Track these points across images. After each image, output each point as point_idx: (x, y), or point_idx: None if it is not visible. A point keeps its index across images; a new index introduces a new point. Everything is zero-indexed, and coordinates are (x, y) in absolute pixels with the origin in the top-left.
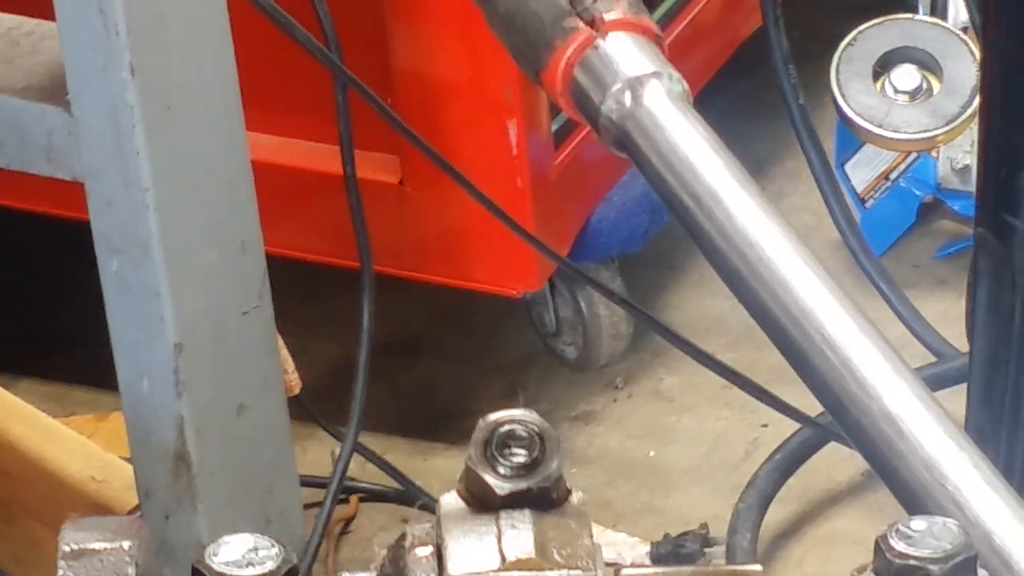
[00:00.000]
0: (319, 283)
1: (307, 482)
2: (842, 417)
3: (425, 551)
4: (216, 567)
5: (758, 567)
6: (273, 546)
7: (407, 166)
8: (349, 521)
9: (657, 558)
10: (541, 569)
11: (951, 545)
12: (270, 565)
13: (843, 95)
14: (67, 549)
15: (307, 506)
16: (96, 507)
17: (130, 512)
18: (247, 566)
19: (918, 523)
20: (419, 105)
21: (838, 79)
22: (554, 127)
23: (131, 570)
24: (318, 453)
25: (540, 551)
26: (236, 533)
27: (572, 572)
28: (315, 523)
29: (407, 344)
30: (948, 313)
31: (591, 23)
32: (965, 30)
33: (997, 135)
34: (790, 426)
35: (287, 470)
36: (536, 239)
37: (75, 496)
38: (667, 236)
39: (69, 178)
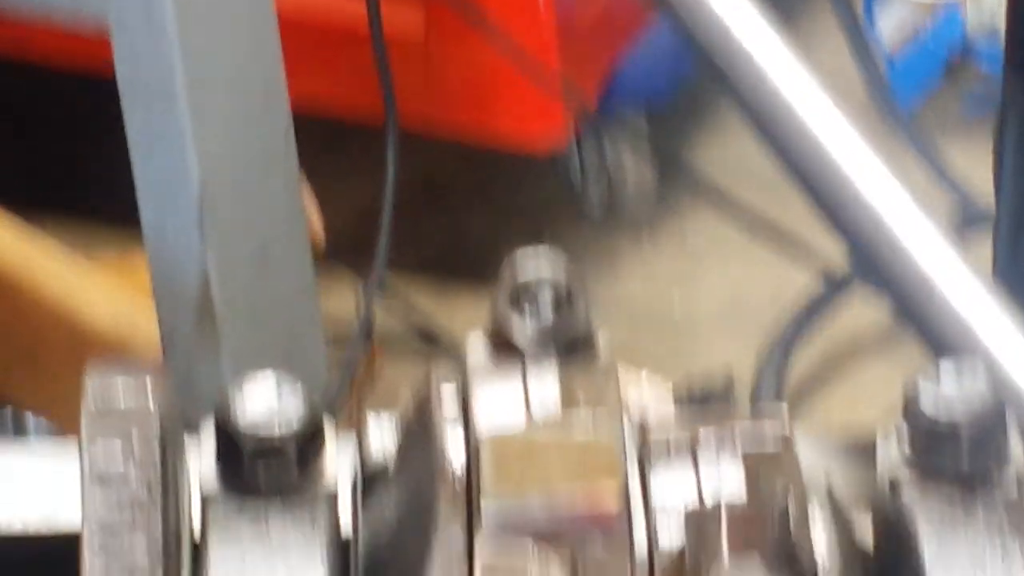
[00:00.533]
0: (343, 139)
1: (332, 327)
2: (870, 267)
3: (450, 396)
4: (239, 417)
5: (784, 408)
6: (298, 393)
7: (432, 21)
8: (373, 365)
9: (681, 405)
10: (567, 417)
11: (980, 400)
12: (295, 414)
13: None
14: (90, 397)
15: (331, 352)
16: (119, 351)
17: (153, 357)
18: (271, 418)
19: (947, 376)
20: None
21: None
22: None
23: (155, 421)
24: (342, 299)
25: (566, 397)
26: (261, 378)
27: (598, 419)
28: (340, 368)
29: (432, 194)
30: (975, 168)
31: None
32: None
33: None
34: (816, 276)
35: (311, 316)
36: (563, 86)
37: (98, 340)
38: (693, 87)
39: (94, 27)
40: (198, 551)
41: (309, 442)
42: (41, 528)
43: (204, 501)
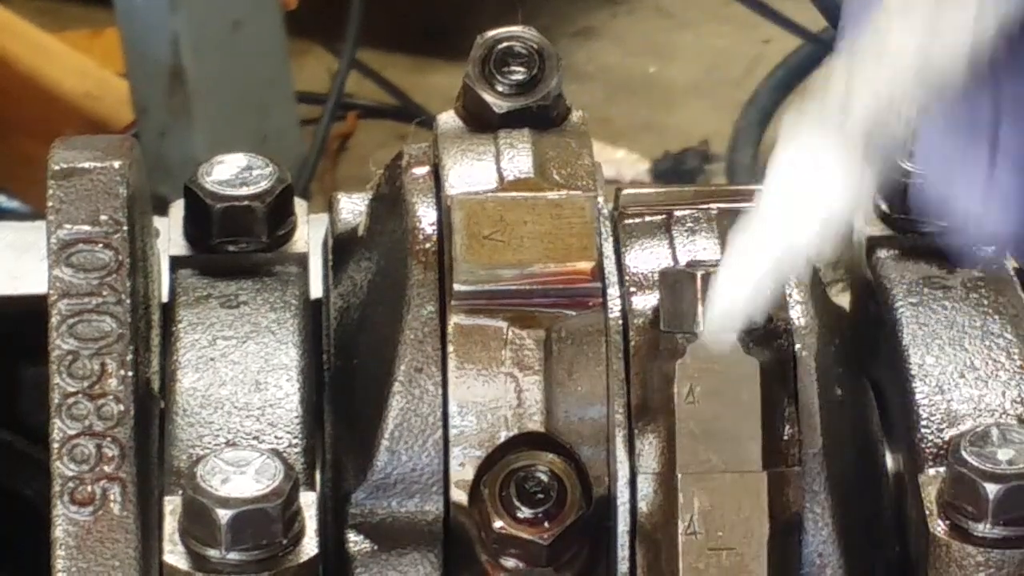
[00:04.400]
0: None
1: (304, 99)
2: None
3: (422, 171)
4: (209, 186)
5: (759, 187)
6: (267, 165)
7: None
8: (347, 138)
9: (657, 175)
10: (540, 189)
11: None
12: (264, 184)
13: None
14: (57, 168)
15: (304, 123)
16: (91, 124)
17: (125, 129)
18: (241, 186)
19: None
20: None
21: None
22: None
23: (122, 189)
24: (315, 70)
25: (539, 171)
26: (230, 153)
27: (571, 192)
28: (313, 140)
29: None
30: None
31: None
32: None
33: None
34: (792, 42)
35: (284, 87)
36: None
37: (70, 113)
38: None
39: None
40: (167, 317)
41: (277, 205)
42: (8, 291)
43: (173, 270)
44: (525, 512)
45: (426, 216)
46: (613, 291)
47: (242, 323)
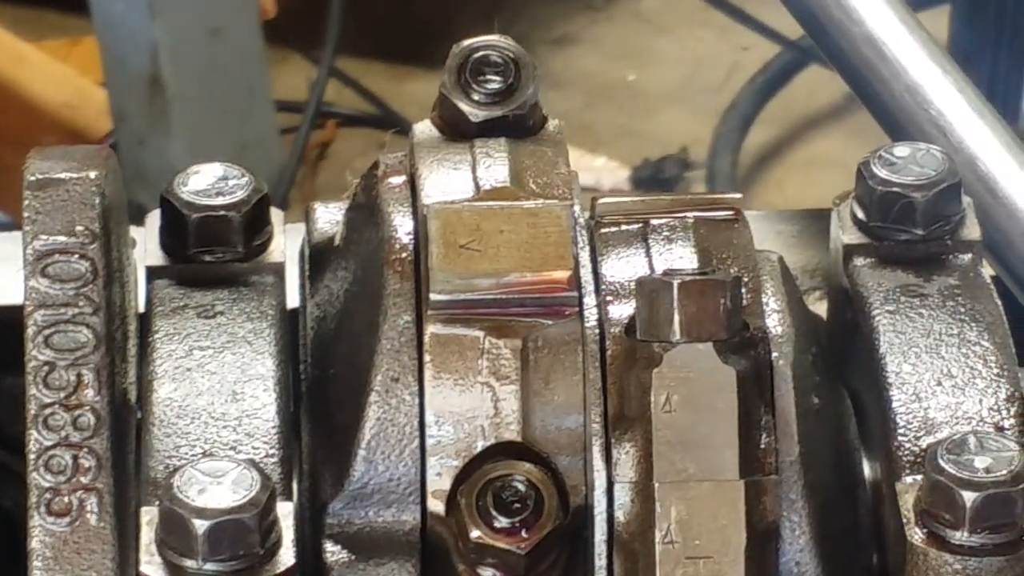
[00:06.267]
0: None
1: (284, 107)
2: (823, 41)
3: (398, 180)
4: (185, 196)
5: (738, 195)
6: (243, 175)
7: None
8: (326, 146)
9: (637, 183)
10: (516, 198)
11: (935, 172)
12: (240, 194)
13: None
14: (32, 179)
15: (284, 131)
16: (69, 132)
17: (104, 138)
18: (216, 196)
19: (901, 149)
20: None
21: None
22: None
23: (98, 200)
24: (294, 78)
25: (515, 180)
26: (206, 163)
27: (548, 201)
28: (292, 148)
29: None
30: None
31: None
32: None
33: None
34: (771, 49)
35: (263, 95)
36: None
37: (48, 121)
38: None
39: None
40: (143, 327)
41: (253, 215)
42: None
43: (150, 280)
44: (502, 522)
45: (402, 225)
46: (590, 300)
47: (219, 333)
